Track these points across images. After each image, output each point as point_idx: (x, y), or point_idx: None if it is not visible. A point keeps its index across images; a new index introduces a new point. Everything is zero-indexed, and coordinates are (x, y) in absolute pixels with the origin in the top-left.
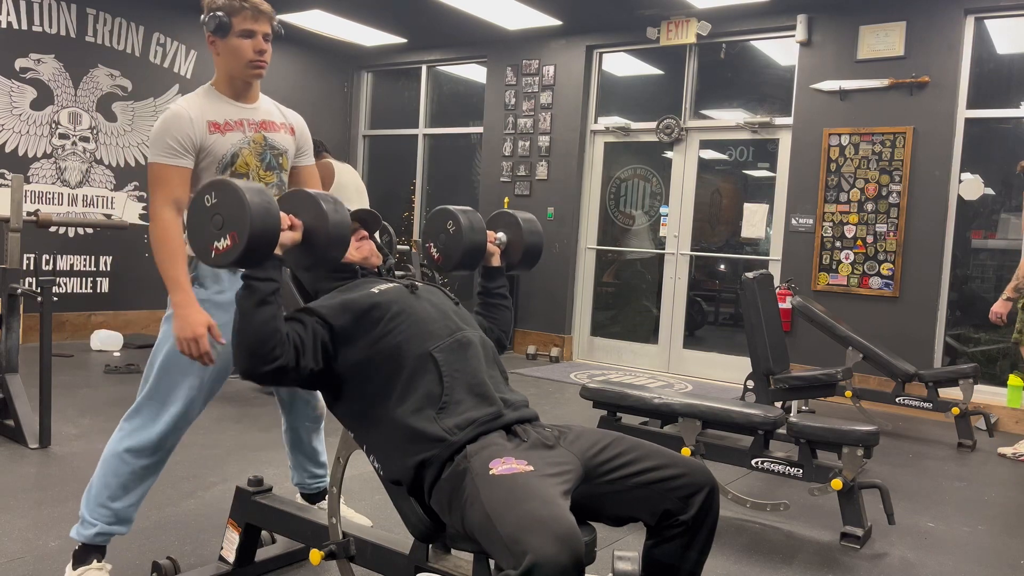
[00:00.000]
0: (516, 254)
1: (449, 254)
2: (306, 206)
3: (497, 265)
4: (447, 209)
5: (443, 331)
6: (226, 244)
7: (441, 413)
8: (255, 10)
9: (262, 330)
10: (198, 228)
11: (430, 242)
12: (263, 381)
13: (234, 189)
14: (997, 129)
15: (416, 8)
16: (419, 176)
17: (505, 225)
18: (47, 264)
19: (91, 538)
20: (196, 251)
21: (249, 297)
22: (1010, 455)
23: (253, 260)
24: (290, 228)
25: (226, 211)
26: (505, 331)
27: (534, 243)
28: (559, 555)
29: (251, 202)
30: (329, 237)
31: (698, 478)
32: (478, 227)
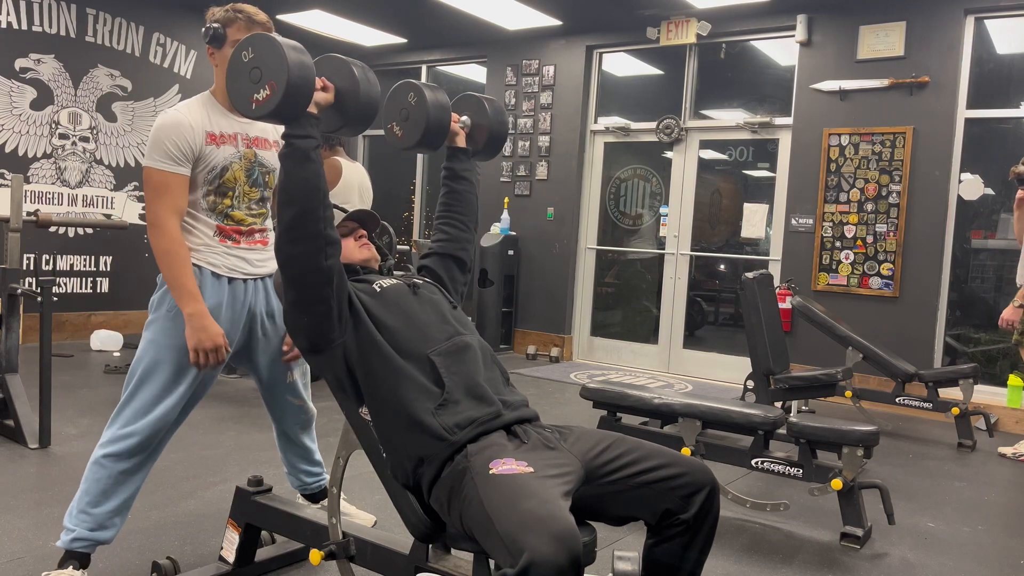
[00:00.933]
0: (480, 139)
1: (411, 130)
2: (339, 70)
3: (462, 146)
4: (410, 82)
5: (441, 335)
6: (265, 94)
7: (440, 410)
8: (249, 21)
9: (307, 184)
10: (237, 84)
11: (392, 121)
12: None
13: (271, 41)
14: (997, 129)
15: (416, 8)
16: (419, 176)
17: (469, 108)
18: (47, 264)
19: (69, 543)
20: (237, 105)
21: (291, 155)
22: (1010, 455)
23: (291, 109)
24: (323, 89)
25: (264, 63)
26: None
27: (499, 129)
28: (556, 554)
29: (287, 52)
30: (359, 100)
31: (699, 477)
32: (443, 103)
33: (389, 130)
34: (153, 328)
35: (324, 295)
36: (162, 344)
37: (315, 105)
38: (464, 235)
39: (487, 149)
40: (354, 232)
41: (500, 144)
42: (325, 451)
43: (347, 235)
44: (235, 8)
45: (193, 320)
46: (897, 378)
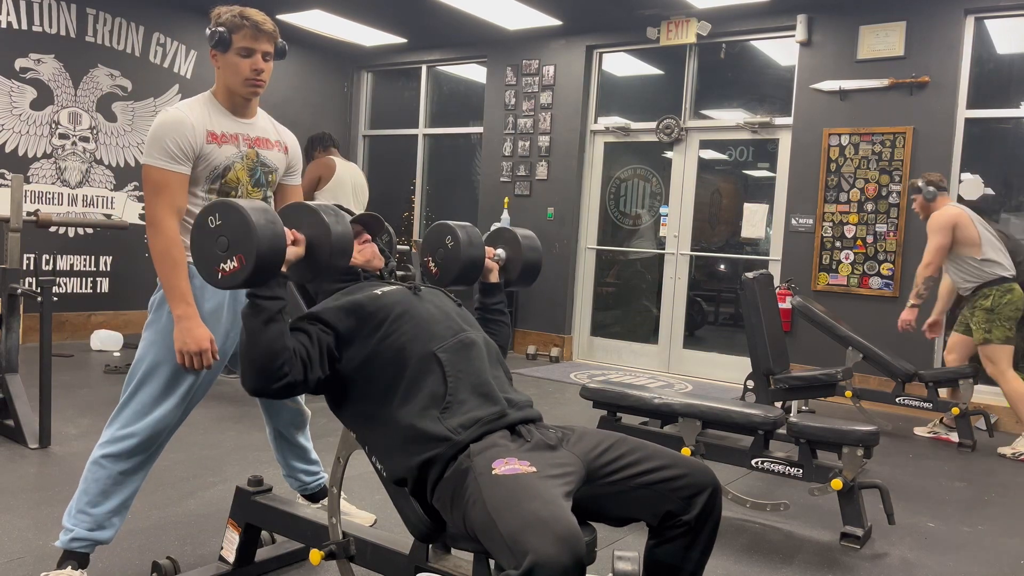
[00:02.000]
0: (515, 270)
1: (447, 268)
2: (308, 220)
3: (495, 281)
4: (446, 224)
5: (446, 332)
6: (233, 266)
7: (445, 413)
8: (255, 29)
9: (269, 349)
10: (203, 249)
11: (428, 256)
12: (273, 397)
13: (239, 211)
14: (997, 129)
15: (416, 8)
16: (419, 176)
17: (504, 241)
18: (47, 264)
19: (68, 543)
20: (202, 273)
21: (255, 316)
22: (1009, 455)
23: (260, 281)
24: (293, 243)
25: (231, 233)
26: (503, 346)
27: (533, 259)
28: (560, 555)
29: (257, 224)
30: (332, 249)
31: (700, 478)
32: (476, 242)
33: (425, 265)
34: (153, 329)
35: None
36: (162, 345)
37: (285, 264)
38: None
39: (522, 279)
40: (359, 235)
41: (535, 275)
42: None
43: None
44: (243, 15)
45: (181, 322)
46: (897, 378)
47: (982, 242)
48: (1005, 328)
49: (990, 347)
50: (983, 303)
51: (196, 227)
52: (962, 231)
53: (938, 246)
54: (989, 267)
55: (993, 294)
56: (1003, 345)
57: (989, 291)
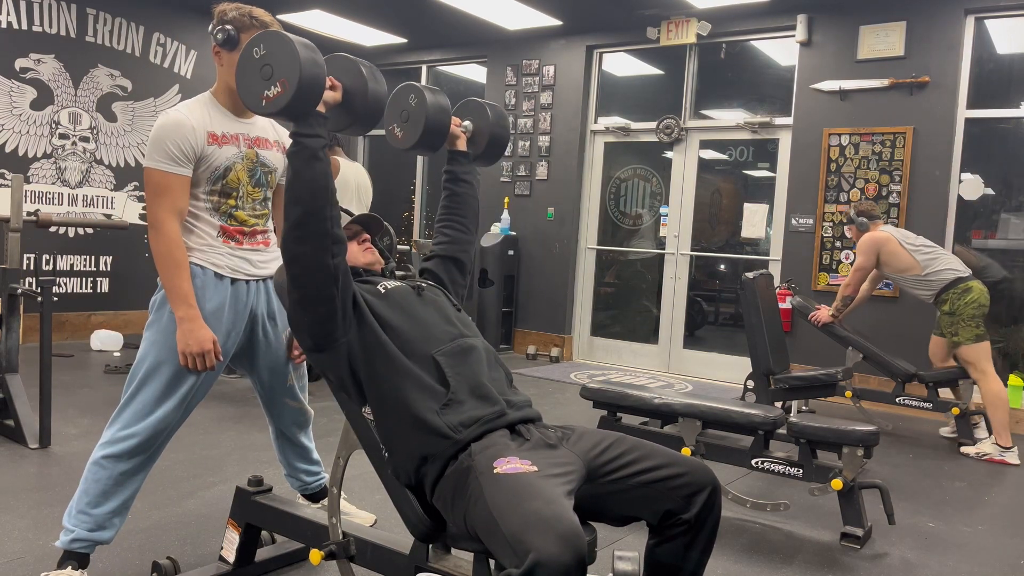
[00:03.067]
0: (481, 143)
1: (410, 130)
2: (347, 69)
3: (463, 149)
4: (411, 84)
5: (445, 336)
6: (276, 91)
7: (445, 409)
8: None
9: (314, 184)
10: (247, 80)
11: (393, 122)
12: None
13: (284, 39)
14: (997, 129)
15: (416, 8)
16: (419, 176)
17: (471, 112)
18: (47, 264)
19: (68, 544)
20: (246, 102)
21: (299, 154)
22: (973, 454)
23: (302, 106)
24: (331, 88)
25: (275, 60)
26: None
27: (500, 134)
28: (562, 554)
29: (300, 50)
30: (367, 99)
31: (700, 477)
32: (443, 105)
33: (390, 131)
34: (154, 329)
35: (329, 294)
36: (164, 345)
37: (323, 104)
38: (465, 237)
39: (488, 154)
40: (358, 236)
41: (501, 149)
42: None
43: (351, 239)
44: (251, 15)
45: (183, 324)
46: (897, 378)
47: (918, 260)
48: (972, 327)
49: (963, 349)
50: (943, 308)
51: (242, 59)
52: (890, 255)
53: (858, 266)
54: (937, 276)
55: (950, 298)
56: (975, 344)
57: (946, 296)
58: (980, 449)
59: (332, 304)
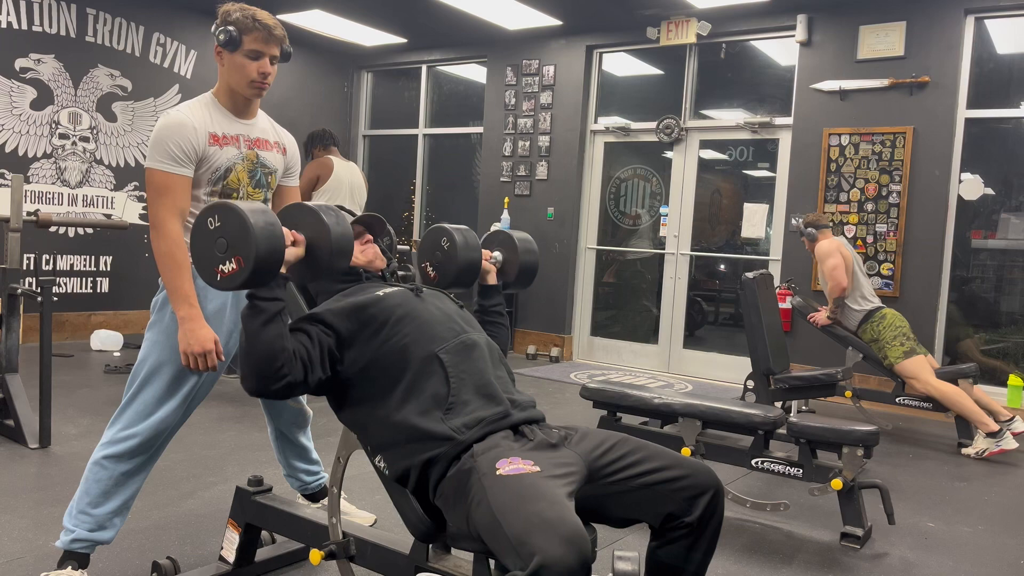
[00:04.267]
0: (511, 272)
1: (444, 271)
2: (308, 220)
3: (493, 283)
4: (441, 227)
5: (448, 333)
6: (232, 268)
7: (448, 414)
8: (267, 33)
9: (268, 350)
10: (202, 251)
11: (426, 261)
12: (273, 397)
13: (237, 213)
14: (997, 129)
15: (416, 8)
16: (419, 176)
17: (500, 244)
18: (47, 264)
19: (68, 544)
20: (202, 274)
21: (255, 317)
22: (973, 455)
23: (259, 282)
24: (292, 244)
25: (230, 235)
26: (502, 347)
27: (529, 262)
28: (566, 556)
29: (255, 225)
30: (332, 249)
31: (703, 480)
32: (472, 244)
33: (423, 269)
34: (156, 329)
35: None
36: (165, 346)
37: (284, 264)
38: None
39: (519, 281)
40: (360, 236)
41: (531, 276)
42: (325, 451)
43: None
44: (255, 17)
45: (185, 324)
46: (897, 378)
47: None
48: (897, 346)
49: (899, 367)
50: (866, 338)
51: (195, 228)
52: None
53: (834, 265)
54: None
55: (869, 328)
56: (907, 360)
57: (865, 327)
58: (977, 447)
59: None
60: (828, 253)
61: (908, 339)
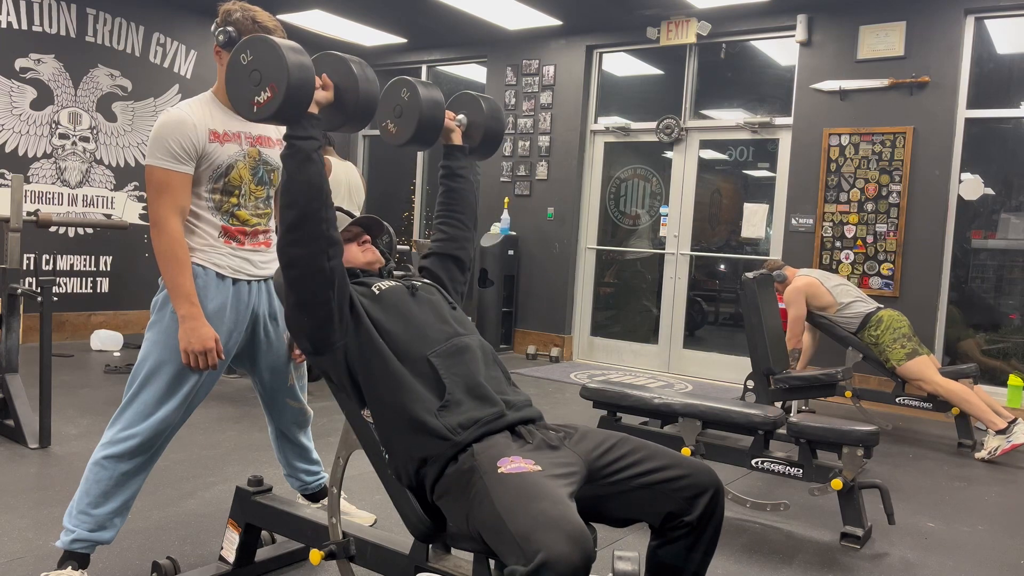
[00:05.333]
0: (476, 136)
1: (404, 125)
2: (336, 67)
3: (458, 143)
4: (404, 78)
5: (440, 336)
6: (266, 96)
7: (443, 411)
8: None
9: (309, 186)
10: (237, 88)
11: (386, 119)
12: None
13: (270, 43)
14: (997, 129)
15: (416, 8)
16: (419, 176)
17: (465, 106)
18: (47, 264)
19: (69, 544)
20: (238, 109)
21: (294, 156)
22: (986, 456)
23: (292, 111)
24: (322, 88)
25: (264, 65)
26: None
27: (495, 127)
28: (571, 554)
29: (287, 54)
30: (359, 98)
31: (703, 479)
32: (436, 99)
33: (384, 127)
34: (156, 329)
35: (326, 297)
36: (166, 345)
37: (315, 104)
38: (463, 233)
39: (484, 147)
40: (358, 238)
41: (497, 142)
42: (325, 451)
43: (351, 240)
44: (255, 19)
45: (185, 322)
46: (897, 378)
47: (835, 298)
48: (898, 348)
49: (902, 370)
50: (868, 342)
51: (230, 67)
52: (812, 297)
53: (794, 318)
54: (850, 310)
55: (868, 333)
56: (911, 361)
57: (863, 333)
58: (989, 446)
59: (329, 307)
60: (792, 301)
61: (909, 340)
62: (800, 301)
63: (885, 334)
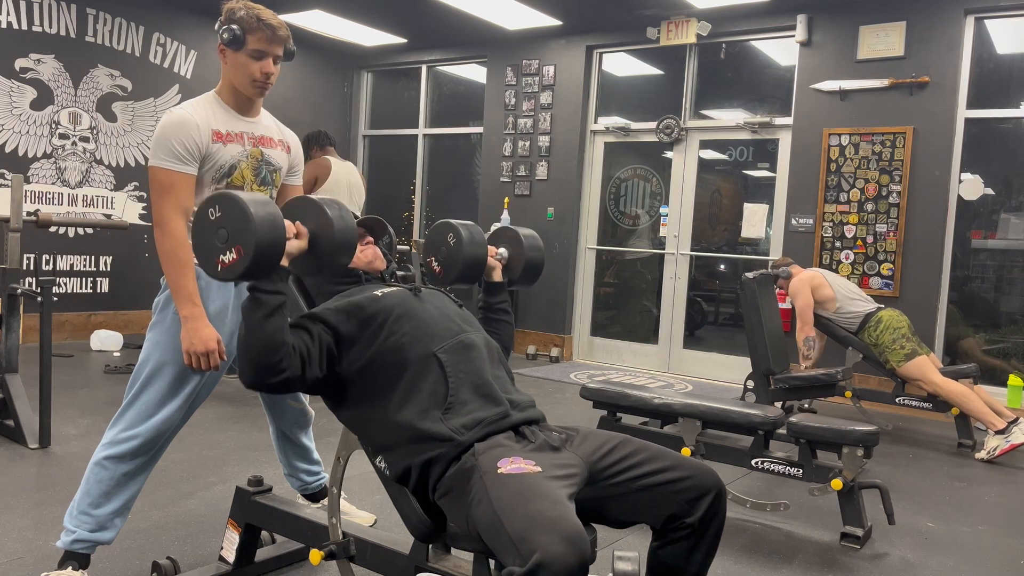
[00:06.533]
0: (517, 269)
1: (450, 267)
2: (311, 213)
3: (499, 280)
4: (448, 222)
5: (446, 333)
6: (232, 258)
7: (447, 414)
8: (272, 33)
9: (268, 343)
10: (203, 241)
11: (431, 256)
12: (269, 391)
13: (238, 202)
14: (997, 129)
15: (416, 8)
16: (419, 176)
17: (506, 240)
18: (47, 264)
19: (69, 544)
20: (203, 265)
21: (256, 310)
22: (986, 457)
23: (259, 273)
24: (295, 236)
25: (230, 224)
26: (507, 345)
27: (535, 258)
28: (567, 555)
29: (255, 215)
30: (335, 244)
31: (704, 481)
32: (479, 240)
33: (428, 264)
34: (158, 330)
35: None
36: (167, 346)
37: (287, 256)
38: None
39: (524, 278)
40: (361, 238)
41: (537, 273)
42: (325, 451)
43: None
44: (260, 17)
45: (187, 323)
46: (897, 378)
47: (836, 295)
48: (897, 349)
49: (902, 371)
50: (868, 343)
51: (197, 219)
52: (816, 288)
53: (803, 306)
54: (849, 309)
55: (867, 333)
56: (911, 362)
57: (863, 333)
58: (988, 446)
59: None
60: (797, 292)
61: (909, 340)
62: (806, 290)
63: (885, 334)
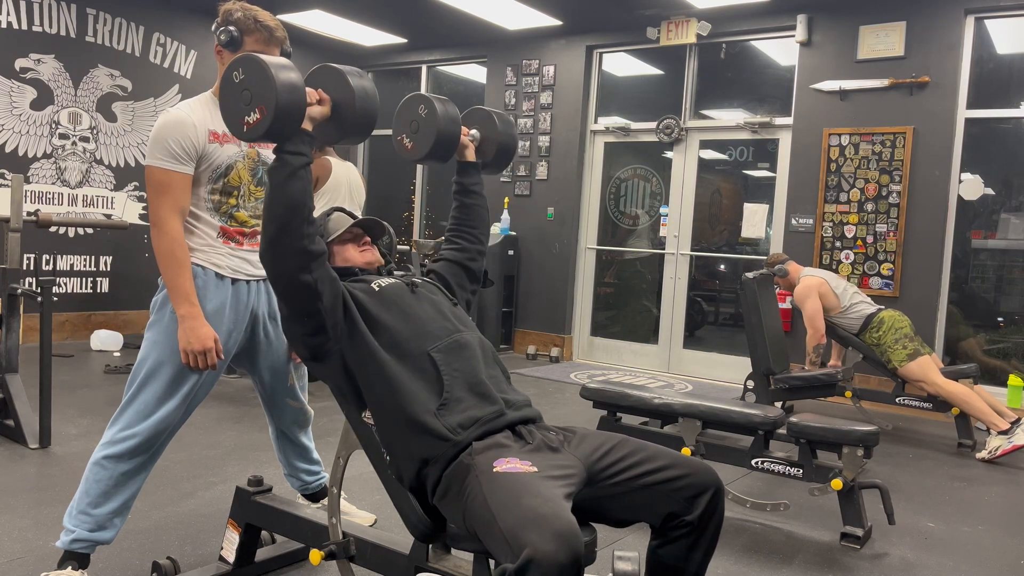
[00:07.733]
0: (489, 151)
1: (421, 141)
2: (334, 80)
3: (472, 159)
4: (421, 94)
5: (441, 332)
6: (255, 117)
7: (442, 410)
8: (269, 34)
9: (291, 203)
10: (229, 106)
11: (401, 133)
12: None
13: (260, 64)
14: (997, 129)
15: (416, 8)
16: (419, 176)
17: (478, 121)
18: (47, 264)
19: (69, 544)
20: (230, 128)
21: (280, 170)
22: (987, 456)
23: (282, 132)
24: (319, 103)
25: (254, 86)
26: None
27: (507, 141)
28: (558, 552)
29: (277, 76)
30: (356, 111)
31: (703, 479)
32: (452, 116)
33: (399, 142)
34: (156, 329)
35: (314, 308)
36: (165, 346)
37: (310, 121)
38: (476, 247)
39: (496, 162)
40: (359, 239)
41: (509, 157)
42: (325, 451)
43: (351, 241)
44: (257, 18)
45: (185, 322)
46: (898, 378)
47: (839, 301)
48: (899, 349)
49: (903, 371)
50: (871, 343)
51: (223, 83)
52: (825, 299)
53: (812, 313)
54: (852, 311)
55: (869, 334)
56: (913, 362)
57: (865, 334)
58: (990, 447)
59: (320, 317)
60: (805, 297)
61: (911, 341)
62: (814, 296)
63: (887, 335)
